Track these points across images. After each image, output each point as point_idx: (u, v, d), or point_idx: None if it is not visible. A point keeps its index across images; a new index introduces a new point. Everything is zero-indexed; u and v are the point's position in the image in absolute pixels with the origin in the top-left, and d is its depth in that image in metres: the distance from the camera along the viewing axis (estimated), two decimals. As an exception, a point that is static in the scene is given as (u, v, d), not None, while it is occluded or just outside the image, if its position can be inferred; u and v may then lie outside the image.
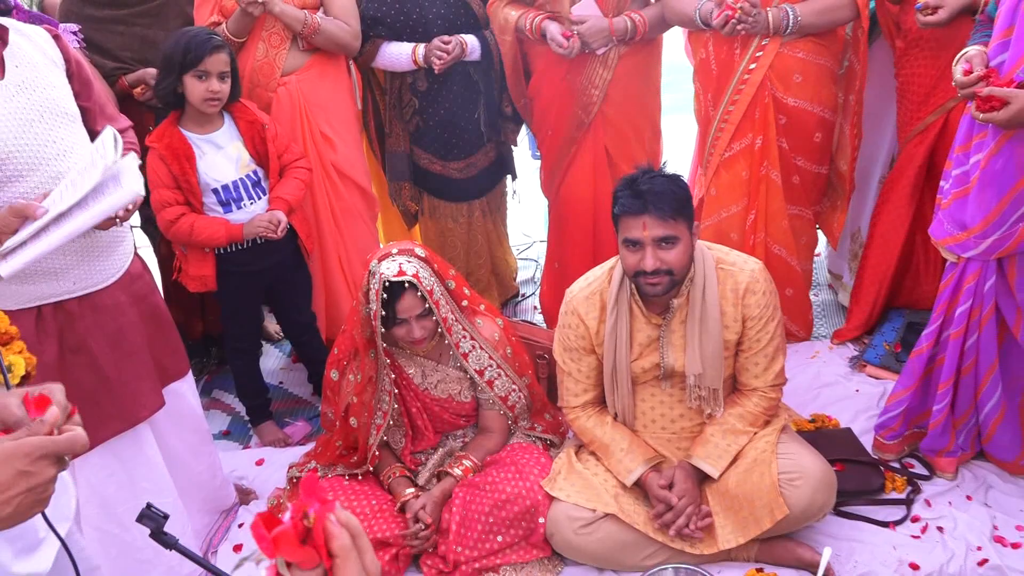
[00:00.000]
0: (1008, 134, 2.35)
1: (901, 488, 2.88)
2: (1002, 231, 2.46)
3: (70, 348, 2.36)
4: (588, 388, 2.79)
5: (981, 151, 2.45)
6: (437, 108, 3.62)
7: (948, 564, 2.56)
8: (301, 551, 0.83)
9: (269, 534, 0.83)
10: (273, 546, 0.83)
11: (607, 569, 2.70)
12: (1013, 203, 2.41)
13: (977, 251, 2.55)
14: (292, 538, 0.83)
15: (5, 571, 1.67)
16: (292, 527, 0.83)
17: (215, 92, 2.90)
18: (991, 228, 2.48)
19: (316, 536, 0.84)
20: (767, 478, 2.56)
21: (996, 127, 2.36)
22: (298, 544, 0.83)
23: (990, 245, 2.51)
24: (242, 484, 3.22)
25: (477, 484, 2.76)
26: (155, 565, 2.66)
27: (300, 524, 0.84)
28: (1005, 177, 2.39)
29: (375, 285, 2.63)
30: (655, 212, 2.44)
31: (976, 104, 2.32)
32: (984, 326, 2.65)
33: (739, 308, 2.61)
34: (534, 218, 4.78)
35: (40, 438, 1.19)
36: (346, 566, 0.84)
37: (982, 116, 2.31)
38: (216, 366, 4.01)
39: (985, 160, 2.43)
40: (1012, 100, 2.23)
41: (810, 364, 3.56)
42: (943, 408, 2.80)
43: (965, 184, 2.53)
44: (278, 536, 0.83)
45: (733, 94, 3.30)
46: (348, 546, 0.85)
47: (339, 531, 0.85)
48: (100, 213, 1.79)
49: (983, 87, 2.29)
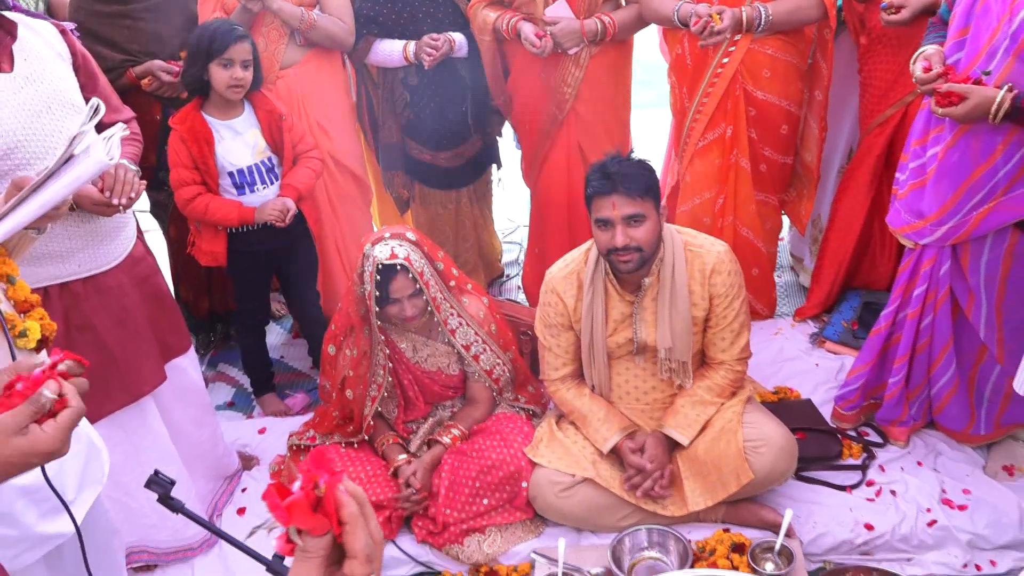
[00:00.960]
0: (964, 128, 2.34)
1: (857, 455, 2.89)
2: (957, 219, 2.46)
3: (76, 327, 2.34)
4: (567, 362, 2.79)
5: (938, 144, 2.44)
6: (427, 102, 3.60)
7: (900, 525, 2.58)
8: (313, 519, 0.84)
9: (283, 503, 0.82)
10: (287, 514, 0.83)
11: (585, 529, 2.71)
12: (967, 193, 2.40)
13: (933, 238, 2.55)
14: (305, 506, 0.83)
15: (30, 531, 1.65)
16: (304, 496, 0.83)
17: (239, 79, 2.89)
18: (947, 216, 2.48)
19: (327, 504, 0.84)
20: (733, 445, 2.57)
21: (953, 121, 2.34)
22: (310, 512, 0.84)
23: (945, 232, 2.51)
24: (245, 451, 3.22)
25: (465, 451, 2.77)
26: (160, 529, 2.67)
27: (311, 493, 0.84)
28: (961, 169, 2.39)
29: (369, 267, 2.63)
30: (623, 192, 2.44)
31: (935, 99, 2.30)
32: (939, 308, 2.66)
33: (706, 287, 2.62)
34: (518, 204, 4.76)
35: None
36: (355, 532, 0.85)
37: (941, 111, 2.29)
38: (221, 341, 3.99)
39: (942, 152, 2.42)
40: (969, 96, 2.22)
41: (773, 340, 3.56)
42: (898, 381, 2.81)
43: (922, 176, 2.53)
44: (291, 504, 0.82)
45: (707, 87, 3.28)
46: (356, 514, 0.85)
47: (348, 500, 0.85)
48: (69, 183, 1.74)
49: (942, 83, 2.28)
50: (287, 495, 0.83)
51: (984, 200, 2.39)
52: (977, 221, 2.43)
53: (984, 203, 2.40)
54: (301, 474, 0.86)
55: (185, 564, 2.75)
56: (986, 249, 2.49)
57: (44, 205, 1.78)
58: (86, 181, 1.85)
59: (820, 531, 2.59)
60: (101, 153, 1.77)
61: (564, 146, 3.51)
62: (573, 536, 2.69)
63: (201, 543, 2.78)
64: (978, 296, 2.56)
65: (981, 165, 2.35)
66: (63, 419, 1.16)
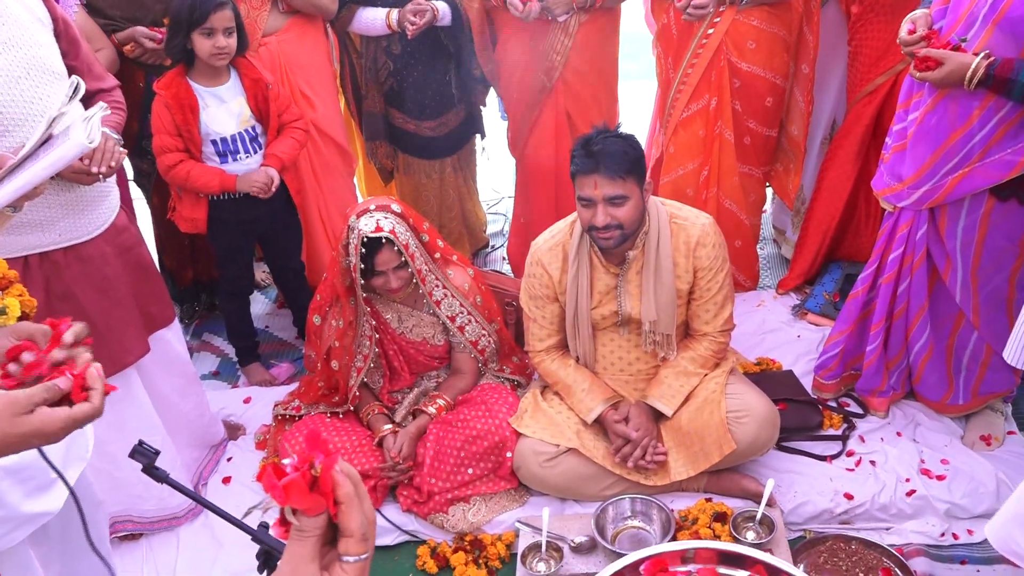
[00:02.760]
0: (943, 92, 2.34)
1: (837, 425, 2.90)
2: (933, 182, 2.47)
3: (57, 296, 2.31)
4: (552, 333, 2.78)
5: (918, 109, 2.44)
6: (410, 71, 3.57)
7: (880, 494, 2.60)
8: (309, 498, 0.83)
9: (280, 483, 0.82)
10: (284, 494, 0.82)
11: (569, 499, 2.72)
12: (944, 156, 2.41)
13: (910, 200, 2.55)
14: (302, 486, 0.83)
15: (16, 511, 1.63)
16: (301, 476, 0.83)
17: (221, 47, 2.86)
18: (923, 179, 2.48)
19: (323, 484, 0.84)
20: (716, 416, 2.57)
21: (932, 86, 2.35)
22: (307, 492, 0.83)
23: (921, 195, 2.51)
24: (231, 421, 3.20)
25: (450, 421, 2.77)
26: (146, 499, 2.66)
27: (308, 473, 0.83)
28: (938, 132, 2.39)
29: (354, 240, 2.61)
30: (606, 172, 2.42)
31: (914, 63, 2.32)
32: (916, 272, 2.67)
33: (690, 260, 2.61)
34: (503, 175, 4.74)
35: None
36: (350, 512, 0.85)
37: (919, 75, 2.32)
38: (206, 311, 3.96)
39: (921, 116, 2.43)
40: (945, 61, 2.24)
41: (756, 312, 3.57)
42: (875, 348, 2.82)
43: (903, 139, 2.53)
44: (288, 484, 0.82)
45: (692, 57, 3.26)
46: (352, 493, 0.85)
47: (344, 480, 0.85)
48: (48, 165, 1.70)
49: (923, 47, 2.29)
50: (283, 475, 0.83)
51: (960, 164, 2.40)
52: (952, 185, 2.43)
53: (960, 167, 2.40)
54: (295, 453, 0.86)
55: (171, 533, 2.75)
56: (963, 214, 2.50)
57: (21, 187, 1.75)
58: (66, 164, 1.82)
59: (801, 500, 2.60)
60: (81, 136, 1.74)
61: (552, 115, 3.48)
62: (557, 505, 2.70)
63: (186, 512, 2.78)
64: (954, 260, 2.57)
65: (958, 129, 2.35)
66: (79, 413, 1.14)
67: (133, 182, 3.57)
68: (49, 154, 1.75)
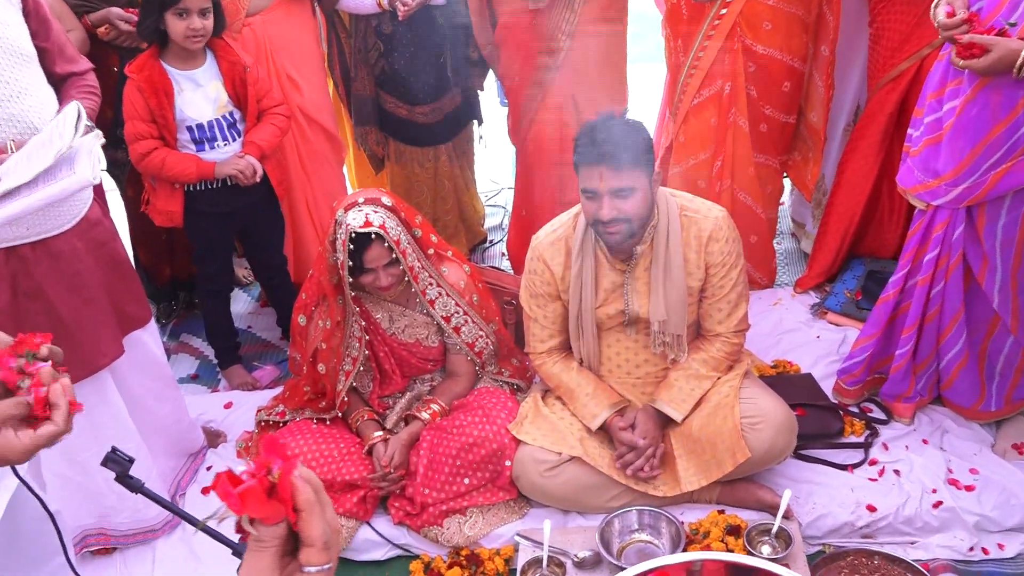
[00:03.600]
0: (984, 81, 2.30)
1: (859, 432, 2.89)
2: (973, 179, 2.42)
3: (25, 294, 2.29)
4: (554, 334, 2.76)
5: (956, 98, 2.40)
6: (403, 52, 3.56)
7: (904, 506, 2.58)
8: (267, 505, 0.83)
9: (235, 491, 0.81)
10: (240, 502, 0.81)
11: (572, 511, 2.71)
12: (986, 151, 2.36)
13: (947, 199, 2.51)
14: (259, 493, 0.82)
15: None
16: (258, 483, 0.82)
17: (196, 30, 2.84)
18: (963, 176, 2.44)
19: (282, 491, 0.83)
20: (729, 421, 2.55)
21: (972, 74, 2.31)
22: (264, 499, 0.82)
23: (961, 192, 2.47)
24: (211, 427, 3.19)
25: (444, 427, 2.75)
26: (119, 511, 2.65)
27: (265, 479, 0.83)
28: (979, 125, 2.35)
29: (342, 235, 2.58)
30: (611, 163, 2.38)
31: (956, 51, 2.27)
32: (951, 274, 2.63)
33: (702, 255, 2.58)
34: (502, 165, 4.71)
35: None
36: (311, 519, 0.84)
37: (962, 63, 2.26)
38: (184, 310, 3.96)
39: (960, 107, 2.38)
40: (992, 48, 2.19)
41: (773, 311, 3.56)
42: (905, 353, 2.79)
43: (938, 131, 2.49)
44: (245, 492, 0.81)
45: (703, 40, 3.24)
46: (313, 500, 0.85)
47: (303, 486, 0.84)
48: (48, 197, 1.71)
49: (965, 31, 2.24)
50: (239, 483, 0.82)
51: (1003, 159, 2.35)
52: (994, 181, 2.39)
53: (1003, 162, 2.36)
54: (252, 460, 0.84)
55: (146, 547, 2.74)
56: (1003, 211, 2.46)
57: (15, 214, 1.73)
58: (66, 196, 1.80)
59: (820, 512, 2.58)
60: (87, 171, 1.74)
61: (556, 99, 3.46)
62: (559, 518, 2.68)
63: (163, 524, 2.76)
64: (992, 262, 2.54)
65: (1001, 121, 2.31)
66: (42, 436, 1.13)
67: (106, 172, 3.54)
68: (51, 185, 1.76)
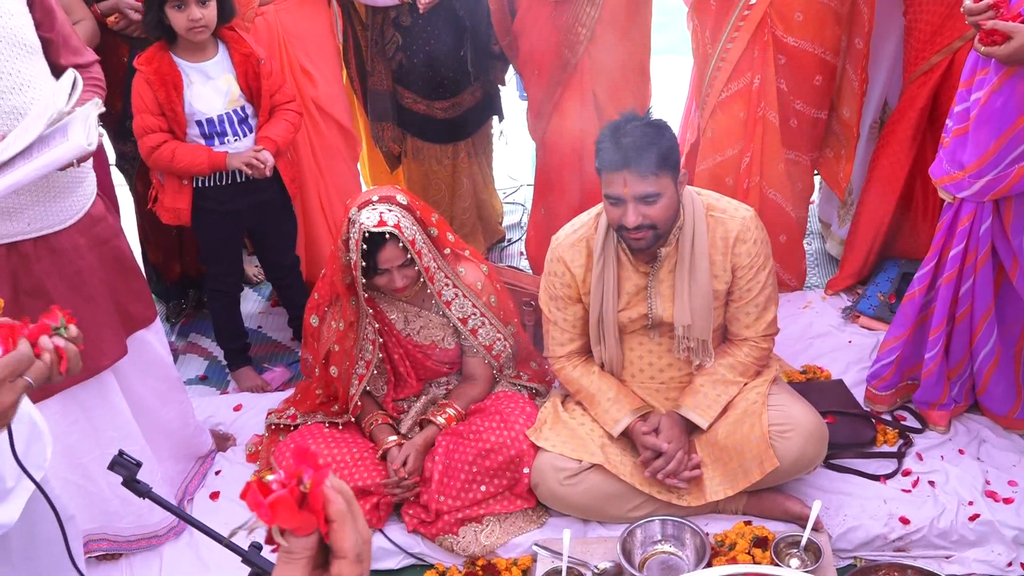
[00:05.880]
0: (1010, 71, 2.30)
1: (893, 441, 2.88)
2: (997, 171, 2.43)
3: (25, 291, 2.31)
4: (574, 337, 2.77)
5: (982, 88, 2.40)
6: (421, 45, 3.56)
7: (939, 519, 2.57)
8: (299, 516, 0.83)
9: (265, 500, 0.82)
10: (271, 512, 0.82)
11: (592, 520, 2.71)
12: (1010, 143, 2.37)
13: (971, 191, 2.51)
14: (290, 503, 0.82)
15: None
16: (289, 493, 0.82)
17: (196, 20, 2.85)
18: (986, 167, 2.44)
19: (313, 501, 0.84)
20: (757, 429, 2.55)
21: (998, 63, 2.31)
22: (296, 510, 0.83)
23: (984, 185, 2.47)
24: (219, 430, 3.20)
25: (461, 433, 2.76)
26: (123, 515, 2.67)
27: (296, 490, 0.83)
28: (1004, 115, 2.35)
29: (355, 235, 2.59)
30: (636, 169, 2.39)
31: (979, 37, 2.28)
32: (980, 270, 2.63)
33: (728, 257, 2.59)
34: (521, 161, 4.72)
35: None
36: (343, 530, 0.84)
37: (984, 49, 2.27)
38: (193, 309, 3.97)
39: (985, 97, 2.38)
40: (1014, 35, 2.20)
41: (802, 314, 3.55)
42: (935, 355, 2.78)
43: (965, 122, 2.49)
44: (275, 502, 0.82)
45: (732, 31, 3.23)
46: (345, 511, 0.85)
47: (335, 496, 0.85)
48: (43, 166, 1.71)
49: (990, 17, 2.25)
50: (269, 492, 0.82)
51: None
52: (1018, 175, 2.40)
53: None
54: (282, 469, 0.85)
55: (153, 552, 2.76)
56: None
57: (11, 185, 1.76)
58: (62, 165, 1.83)
59: (851, 524, 2.59)
60: (81, 137, 1.76)
61: (577, 94, 3.45)
62: (579, 527, 2.69)
63: (168, 530, 2.78)
64: (1022, 258, 2.53)
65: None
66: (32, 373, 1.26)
67: (115, 167, 3.58)
68: (45, 154, 1.77)
